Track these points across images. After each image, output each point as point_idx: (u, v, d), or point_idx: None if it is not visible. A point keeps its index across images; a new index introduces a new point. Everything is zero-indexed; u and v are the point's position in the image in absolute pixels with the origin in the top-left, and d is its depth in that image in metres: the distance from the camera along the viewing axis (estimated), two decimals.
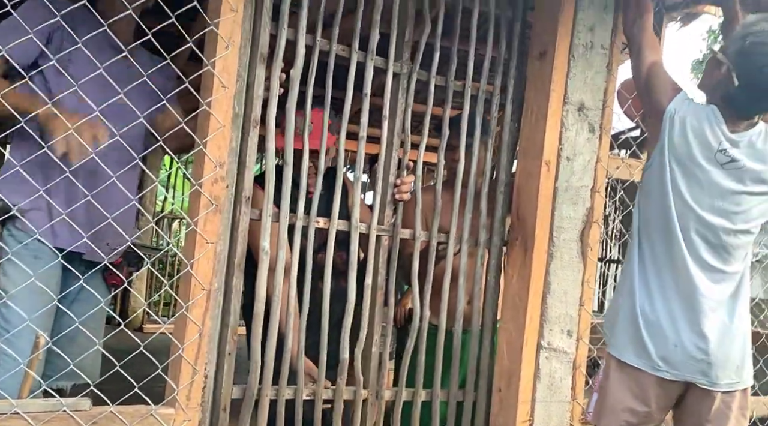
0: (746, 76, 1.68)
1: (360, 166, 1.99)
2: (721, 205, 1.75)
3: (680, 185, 1.75)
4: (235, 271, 1.75)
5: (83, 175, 1.74)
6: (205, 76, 1.62)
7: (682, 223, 1.75)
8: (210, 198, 1.63)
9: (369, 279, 2.01)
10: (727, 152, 1.72)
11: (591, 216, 2.13)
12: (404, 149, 2.06)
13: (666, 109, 1.77)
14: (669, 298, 1.76)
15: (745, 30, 1.72)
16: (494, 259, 2.21)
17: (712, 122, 1.74)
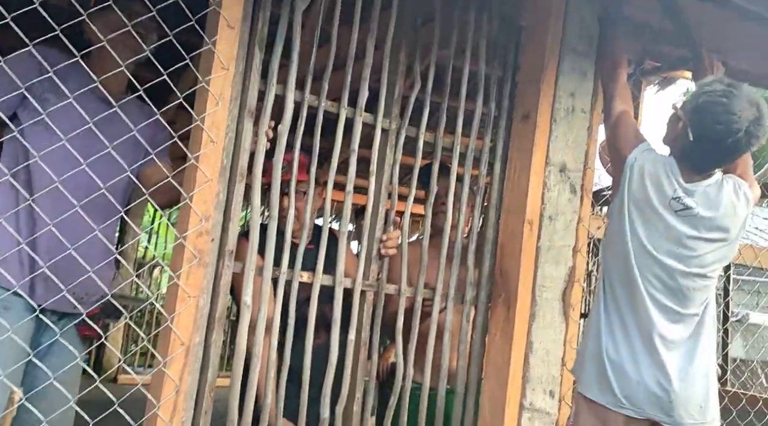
0: (700, 131, 1.79)
1: (346, 219, 2.00)
2: (676, 249, 1.83)
3: (638, 231, 1.84)
4: (215, 325, 1.73)
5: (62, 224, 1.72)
6: (195, 130, 1.64)
7: (641, 266, 1.84)
8: (194, 251, 1.62)
9: (352, 334, 1.99)
10: (681, 200, 1.82)
11: (573, 275, 2.15)
12: (391, 202, 2.08)
13: (627, 157, 1.87)
14: (631, 339, 1.85)
15: (700, 89, 1.84)
16: (481, 316, 2.20)
17: (668, 172, 1.84)
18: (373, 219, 2.05)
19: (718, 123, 1.75)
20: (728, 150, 1.79)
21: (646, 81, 3.60)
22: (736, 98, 1.75)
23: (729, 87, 1.78)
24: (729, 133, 1.74)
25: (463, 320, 2.17)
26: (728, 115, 1.74)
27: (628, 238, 1.85)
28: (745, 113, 1.73)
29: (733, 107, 1.74)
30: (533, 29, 2.17)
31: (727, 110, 1.74)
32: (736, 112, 1.73)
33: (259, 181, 1.80)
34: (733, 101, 1.75)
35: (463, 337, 2.16)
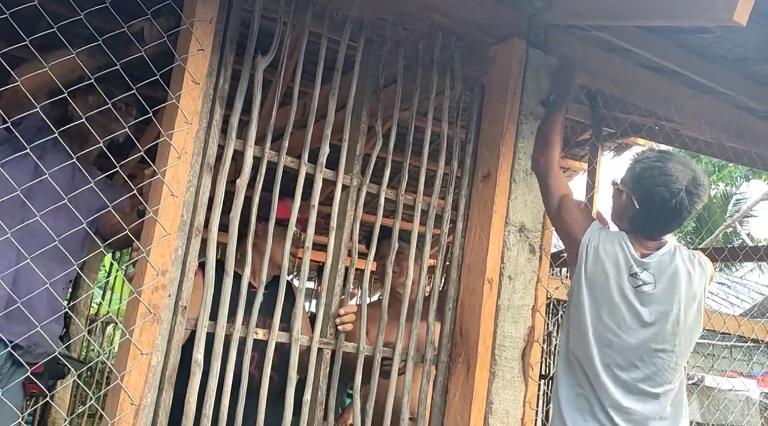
0: (643, 198, 1.85)
1: (304, 275, 1.98)
2: (638, 327, 1.82)
3: (598, 310, 1.83)
4: (166, 384, 1.67)
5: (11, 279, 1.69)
6: (155, 184, 1.63)
7: (601, 347, 1.82)
8: (149, 307, 1.58)
9: (308, 394, 1.94)
10: (637, 275, 1.83)
11: (532, 335, 2.15)
12: (351, 259, 2.06)
13: (581, 240, 1.88)
14: (597, 416, 1.81)
15: (635, 160, 1.92)
16: (441, 376, 2.17)
17: (623, 247, 1.86)
18: (332, 275, 2.03)
19: (658, 185, 1.81)
20: (674, 211, 1.83)
21: (602, 146, 3.73)
22: (669, 161, 1.84)
23: (660, 153, 1.90)
24: (671, 193, 1.80)
25: (423, 380, 2.15)
26: (665, 176, 1.81)
27: (587, 317, 1.82)
28: (681, 174, 1.81)
29: (669, 169, 1.82)
30: (494, 91, 2.25)
31: (664, 172, 1.82)
32: (672, 173, 1.81)
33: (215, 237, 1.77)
34: (667, 164, 1.83)
35: (423, 397, 2.13)
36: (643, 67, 2.51)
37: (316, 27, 2.01)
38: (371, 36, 2.13)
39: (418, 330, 2.15)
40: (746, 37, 2.26)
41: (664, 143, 3.27)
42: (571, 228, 1.94)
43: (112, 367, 1.60)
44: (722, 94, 2.68)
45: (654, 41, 2.40)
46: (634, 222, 1.89)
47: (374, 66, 2.15)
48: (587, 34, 2.36)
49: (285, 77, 2.06)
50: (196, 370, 1.73)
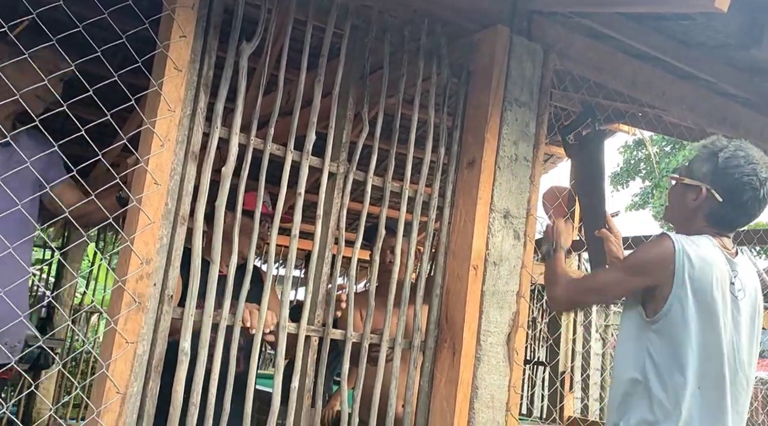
0: (727, 190, 1.75)
1: (291, 263, 1.98)
2: (737, 339, 1.74)
3: (704, 323, 1.71)
4: (152, 373, 1.67)
5: None
6: (138, 172, 1.62)
7: (707, 361, 1.71)
8: (133, 295, 1.58)
9: (296, 381, 1.95)
10: (734, 282, 1.75)
11: (517, 320, 2.17)
12: (338, 247, 2.07)
13: (675, 252, 1.72)
14: None
15: (710, 150, 1.81)
16: (428, 362, 2.18)
17: (718, 251, 1.75)
18: (319, 263, 2.04)
19: (747, 174, 1.73)
20: (762, 201, 1.76)
21: None
22: (750, 149, 1.76)
23: (734, 141, 1.79)
24: (760, 182, 1.73)
25: (410, 366, 2.16)
26: (753, 165, 1.73)
27: (693, 340, 1.70)
28: (762, 161, 1.75)
29: (753, 157, 1.74)
30: (478, 78, 2.25)
31: (750, 161, 1.74)
32: (756, 161, 1.74)
33: (200, 225, 1.77)
34: (749, 152, 1.76)
35: (410, 383, 2.15)
36: (626, 53, 2.53)
37: (301, 13, 2.00)
38: (357, 22, 2.12)
39: (406, 317, 2.16)
40: (726, 23, 2.28)
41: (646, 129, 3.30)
42: (656, 259, 1.75)
43: (98, 356, 1.59)
44: (703, 80, 2.71)
45: (636, 28, 2.41)
46: (714, 218, 1.79)
47: (360, 52, 2.14)
48: (570, 21, 2.37)
49: (270, 64, 2.05)
50: (183, 358, 1.73)
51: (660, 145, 15.10)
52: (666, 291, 1.74)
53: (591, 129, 2.36)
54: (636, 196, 16.40)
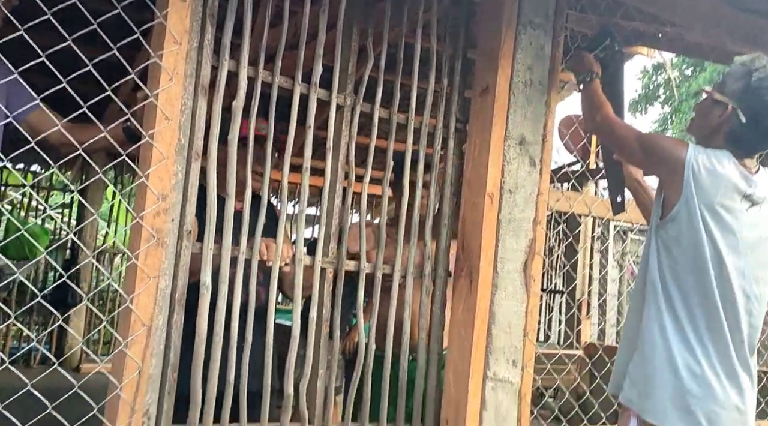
0: (754, 112, 1.72)
1: (304, 198, 1.99)
2: (750, 254, 1.73)
3: (714, 237, 1.71)
4: (176, 307, 1.71)
5: None
6: (148, 107, 1.61)
7: (717, 272, 1.72)
8: (152, 231, 1.59)
9: (314, 312, 1.99)
10: (752, 196, 1.74)
11: (533, 247, 2.18)
12: (349, 180, 2.07)
13: (686, 158, 1.73)
14: (711, 358, 1.71)
15: (746, 68, 1.76)
16: (439, 290, 2.23)
17: (736, 165, 1.73)
18: (330, 197, 2.04)
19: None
20: None
21: None
22: None
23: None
24: None
25: (422, 294, 2.20)
26: None
27: (704, 240, 1.71)
28: None
29: None
30: (489, 3, 2.17)
31: None
32: None
33: (214, 160, 1.77)
34: None
35: (423, 310, 2.19)
36: None
37: None
38: None
39: (416, 247, 2.18)
40: None
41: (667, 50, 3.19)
42: (668, 151, 1.77)
43: (122, 291, 1.63)
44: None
45: None
46: (734, 138, 1.76)
47: None
48: None
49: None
50: (204, 292, 1.77)
51: (680, 68, 14.69)
52: (674, 196, 1.75)
53: (609, 51, 2.28)
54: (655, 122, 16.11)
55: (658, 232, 1.84)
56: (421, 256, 2.20)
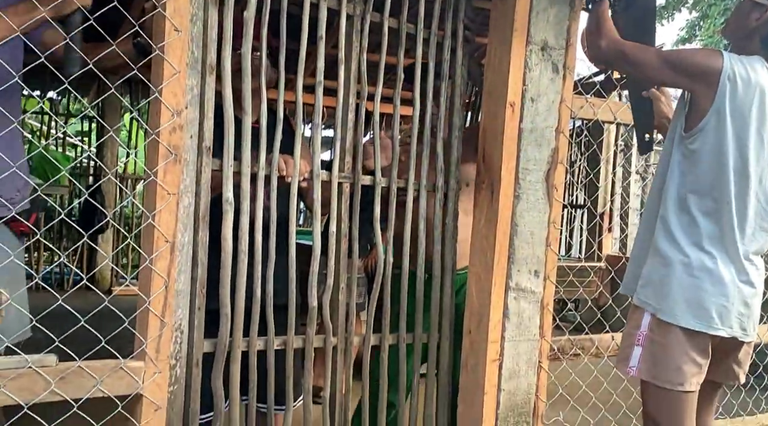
0: None
1: (318, 113, 1.95)
2: None
3: (741, 140, 1.73)
4: (200, 224, 1.72)
5: None
6: (157, 19, 1.56)
7: (737, 179, 1.76)
8: (168, 148, 1.58)
9: (333, 227, 2.00)
10: None
11: (556, 157, 2.14)
12: (361, 88, 2.04)
13: (722, 69, 1.71)
14: (722, 252, 1.79)
15: None
16: (451, 202, 2.23)
17: (766, 71, 1.71)
18: (344, 110, 2.01)
19: None
20: None
21: None
22: None
23: None
24: None
25: (436, 207, 2.19)
26: None
27: (729, 156, 1.73)
28: None
29: None
30: None
31: None
32: None
33: (229, 74, 1.73)
34: None
35: (437, 223, 2.19)
36: None
37: None
38: None
39: (429, 159, 2.16)
40: None
41: None
42: (701, 61, 1.75)
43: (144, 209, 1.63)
44: None
45: None
46: None
47: None
48: None
49: None
50: (227, 208, 1.77)
51: None
52: (705, 104, 1.74)
53: None
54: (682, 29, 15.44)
55: (682, 142, 1.84)
56: (434, 169, 2.18)
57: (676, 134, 1.86)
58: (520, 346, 2.13)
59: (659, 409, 1.83)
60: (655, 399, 1.83)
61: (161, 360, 1.60)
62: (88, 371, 1.47)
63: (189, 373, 1.71)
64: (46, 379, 1.42)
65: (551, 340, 2.21)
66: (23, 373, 1.40)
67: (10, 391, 1.38)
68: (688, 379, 1.78)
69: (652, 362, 1.82)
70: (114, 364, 1.52)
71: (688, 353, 1.78)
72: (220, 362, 1.79)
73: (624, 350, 1.92)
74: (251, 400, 1.87)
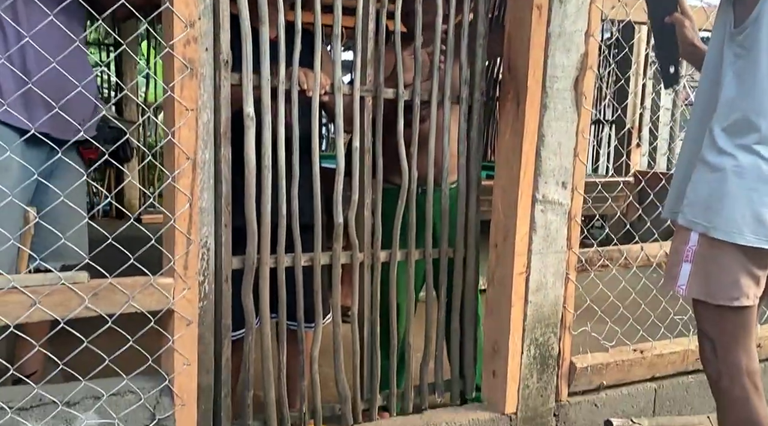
0: None
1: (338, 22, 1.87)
2: None
3: None
4: (222, 140, 1.69)
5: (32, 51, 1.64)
6: None
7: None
8: (184, 61, 1.54)
9: (356, 141, 1.96)
10: None
11: (585, 62, 2.05)
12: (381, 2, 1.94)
13: None
14: None
15: None
16: (476, 114, 2.16)
17: None
18: (364, 21, 1.93)
19: None
20: None
21: None
22: None
23: None
24: None
25: (460, 119, 2.13)
26: None
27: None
28: None
29: None
30: None
31: None
32: None
33: None
34: None
35: (461, 135, 2.14)
36: None
37: None
38: None
39: (452, 70, 2.08)
40: None
41: None
42: None
43: (163, 126, 1.61)
44: None
45: None
46: None
47: None
48: None
49: None
50: (249, 124, 1.74)
51: None
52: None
53: None
54: None
55: (733, 41, 1.66)
56: (458, 80, 2.11)
57: (726, 33, 1.69)
58: (547, 259, 2.12)
59: (715, 327, 1.70)
60: (711, 317, 1.70)
61: (190, 276, 1.62)
62: (120, 287, 1.50)
63: (218, 289, 1.74)
64: (80, 296, 1.45)
65: (579, 252, 2.19)
66: (57, 289, 1.43)
67: (45, 307, 1.41)
68: (746, 293, 1.64)
69: (704, 279, 1.67)
70: (144, 280, 1.55)
71: (745, 266, 1.63)
72: (249, 278, 1.80)
73: (671, 268, 1.76)
74: (281, 317, 1.90)
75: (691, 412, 2.49)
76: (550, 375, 2.20)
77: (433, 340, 2.19)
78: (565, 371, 2.23)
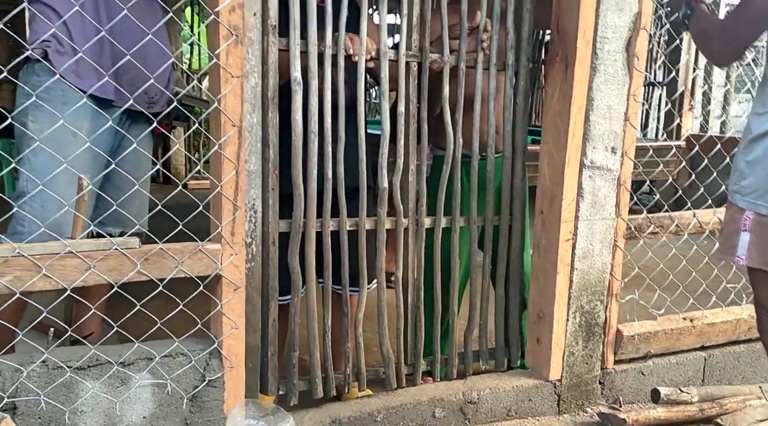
0: None
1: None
2: None
3: None
4: (269, 105, 1.70)
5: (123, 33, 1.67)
6: None
7: None
8: (229, 28, 1.54)
9: (401, 106, 1.94)
10: None
11: (639, 23, 1.97)
12: None
13: None
14: None
15: None
16: (522, 80, 2.10)
17: None
18: None
19: None
20: None
21: None
22: None
23: None
24: None
25: (506, 85, 2.08)
26: None
27: None
28: None
29: None
30: None
31: None
32: None
33: None
34: None
35: (507, 102, 2.09)
36: None
37: None
38: None
39: (498, 35, 2.02)
40: None
41: None
42: None
43: (209, 94, 1.62)
44: None
45: None
46: None
47: None
48: None
49: None
50: (296, 88, 1.74)
51: None
52: None
53: None
54: None
55: None
56: (504, 45, 2.05)
57: None
58: (594, 226, 2.08)
59: None
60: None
61: (237, 242, 1.64)
62: (170, 253, 1.53)
63: (266, 251, 1.76)
64: (132, 261, 1.49)
65: (628, 219, 2.14)
66: (110, 254, 1.47)
67: (100, 272, 1.45)
68: None
69: (764, 247, 1.63)
70: (193, 246, 1.58)
71: None
72: (295, 241, 1.82)
73: (728, 238, 1.71)
74: (326, 280, 1.92)
75: (742, 381, 2.44)
76: (596, 342, 2.18)
77: (478, 308, 2.19)
78: (611, 339, 2.20)
